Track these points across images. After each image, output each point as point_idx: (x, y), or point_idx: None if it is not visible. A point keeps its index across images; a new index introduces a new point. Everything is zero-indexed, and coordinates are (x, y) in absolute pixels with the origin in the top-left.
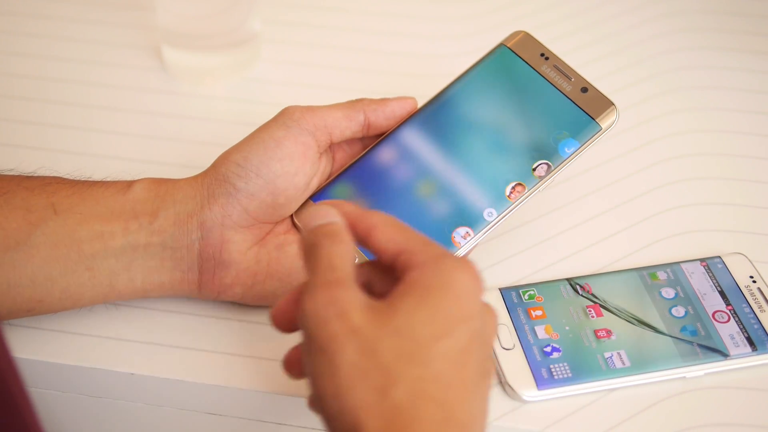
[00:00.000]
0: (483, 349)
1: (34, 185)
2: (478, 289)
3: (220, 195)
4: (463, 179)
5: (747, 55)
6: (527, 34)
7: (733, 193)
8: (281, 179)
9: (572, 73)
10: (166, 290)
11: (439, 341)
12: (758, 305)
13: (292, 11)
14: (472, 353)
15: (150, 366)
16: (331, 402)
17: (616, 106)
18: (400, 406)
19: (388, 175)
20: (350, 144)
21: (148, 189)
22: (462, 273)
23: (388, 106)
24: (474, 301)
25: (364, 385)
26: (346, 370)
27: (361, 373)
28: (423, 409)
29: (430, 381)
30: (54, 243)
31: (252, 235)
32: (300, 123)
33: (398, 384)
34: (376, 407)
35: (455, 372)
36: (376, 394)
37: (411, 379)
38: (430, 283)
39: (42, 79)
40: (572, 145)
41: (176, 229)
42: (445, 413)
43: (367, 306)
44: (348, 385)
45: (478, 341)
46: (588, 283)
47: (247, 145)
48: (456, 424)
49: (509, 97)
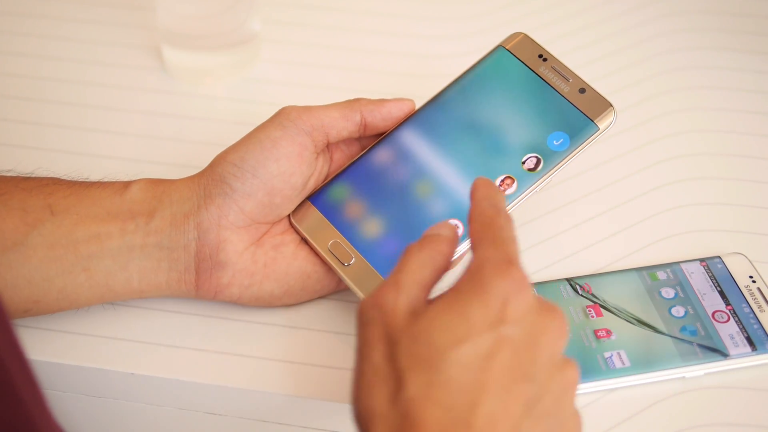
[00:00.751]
0: (520, 354)
1: (32, 186)
2: (520, 293)
3: (216, 195)
4: (461, 180)
5: (747, 55)
6: (526, 36)
7: (733, 193)
8: (278, 179)
9: (570, 74)
10: (163, 291)
11: (457, 346)
12: (758, 305)
13: (292, 11)
14: (499, 358)
15: (150, 366)
16: (355, 403)
17: (614, 107)
18: (405, 412)
19: (385, 176)
20: (348, 145)
21: (145, 190)
22: (499, 278)
23: (384, 107)
24: (513, 306)
25: (380, 391)
26: (369, 374)
27: (380, 378)
28: (428, 413)
29: (439, 386)
30: (51, 244)
31: (249, 236)
32: (296, 123)
33: (406, 389)
34: (386, 413)
35: (472, 377)
36: (388, 400)
37: (418, 385)
38: (461, 288)
39: (41, 78)
40: (566, 143)
41: (173, 229)
42: (452, 418)
43: (412, 311)
44: (368, 389)
45: (510, 346)
46: (588, 283)
47: (244, 145)
48: (466, 427)
49: (507, 98)
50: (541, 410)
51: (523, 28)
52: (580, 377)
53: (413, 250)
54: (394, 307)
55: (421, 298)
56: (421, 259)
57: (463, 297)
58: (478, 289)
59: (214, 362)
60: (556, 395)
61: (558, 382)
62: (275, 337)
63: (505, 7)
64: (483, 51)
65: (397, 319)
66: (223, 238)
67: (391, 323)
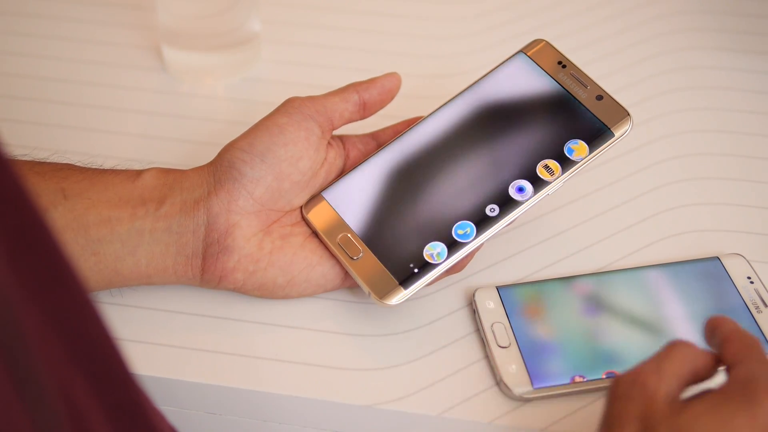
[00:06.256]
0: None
1: (46, 170)
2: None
3: (226, 181)
4: (475, 182)
5: (747, 55)
6: (547, 43)
7: (732, 194)
8: (286, 164)
9: (588, 81)
10: (170, 275)
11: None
12: (755, 306)
13: (292, 11)
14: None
15: (150, 366)
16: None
17: (630, 114)
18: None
19: (400, 175)
20: (364, 143)
21: (157, 177)
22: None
23: (377, 82)
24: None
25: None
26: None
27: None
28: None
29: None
30: (62, 227)
31: (258, 222)
32: (301, 110)
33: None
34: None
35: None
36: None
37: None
38: (730, 394)
39: (41, 78)
40: (583, 150)
41: (182, 215)
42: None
43: (670, 402)
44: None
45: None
46: (586, 282)
47: (252, 132)
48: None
49: (526, 102)
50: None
51: (522, 28)
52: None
53: (681, 343)
54: (655, 392)
55: (677, 393)
56: (685, 354)
57: (731, 404)
58: (747, 401)
59: (215, 362)
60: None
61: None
62: (275, 337)
63: (506, 7)
64: (483, 51)
65: (658, 405)
66: (233, 223)
67: (651, 406)
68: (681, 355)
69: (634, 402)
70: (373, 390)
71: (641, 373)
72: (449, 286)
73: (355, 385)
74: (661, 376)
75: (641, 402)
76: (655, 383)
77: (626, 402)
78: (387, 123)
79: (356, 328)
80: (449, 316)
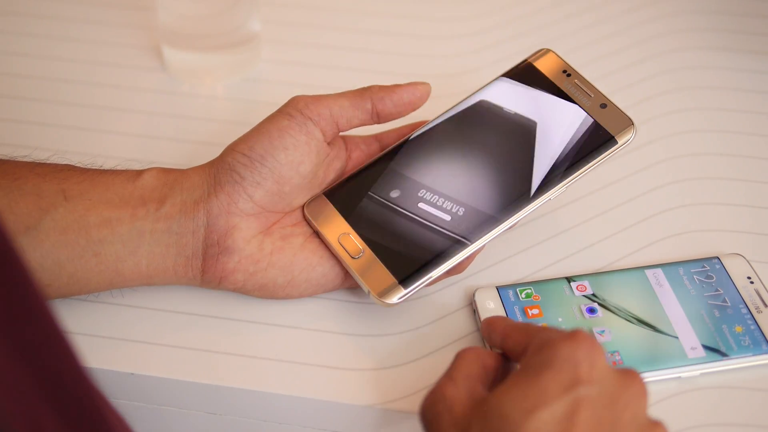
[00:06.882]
0: (601, 413)
1: (46, 171)
2: (592, 354)
3: (226, 183)
4: (475, 188)
5: (747, 55)
6: (552, 53)
7: (732, 194)
8: (286, 168)
9: (592, 90)
10: (170, 276)
11: (532, 413)
12: (755, 306)
13: (292, 11)
14: (579, 418)
15: (150, 366)
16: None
17: (634, 123)
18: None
19: (402, 178)
20: (368, 144)
21: (157, 177)
22: (566, 344)
23: (396, 94)
24: (586, 366)
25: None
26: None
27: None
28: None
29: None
30: (63, 228)
31: (258, 223)
32: (304, 112)
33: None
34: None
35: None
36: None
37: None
38: (529, 365)
39: (41, 78)
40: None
41: (182, 215)
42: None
43: (472, 399)
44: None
45: (589, 405)
46: (585, 282)
47: (253, 135)
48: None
49: (529, 110)
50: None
51: (521, 28)
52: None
53: (466, 349)
54: (455, 397)
55: (477, 389)
56: (472, 357)
57: (533, 369)
58: (548, 359)
59: (214, 362)
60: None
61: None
62: (275, 337)
63: (505, 8)
64: (483, 51)
65: (462, 407)
66: (232, 225)
67: (457, 411)
68: (468, 358)
69: (442, 416)
70: (373, 390)
71: (438, 388)
72: (449, 286)
73: (355, 385)
74: (455, 382)
75: (447, 412)
76: (452, 390)
77: (437, 420)
78: (391, 126)
79: (356, 328)
80: (449, 316)
